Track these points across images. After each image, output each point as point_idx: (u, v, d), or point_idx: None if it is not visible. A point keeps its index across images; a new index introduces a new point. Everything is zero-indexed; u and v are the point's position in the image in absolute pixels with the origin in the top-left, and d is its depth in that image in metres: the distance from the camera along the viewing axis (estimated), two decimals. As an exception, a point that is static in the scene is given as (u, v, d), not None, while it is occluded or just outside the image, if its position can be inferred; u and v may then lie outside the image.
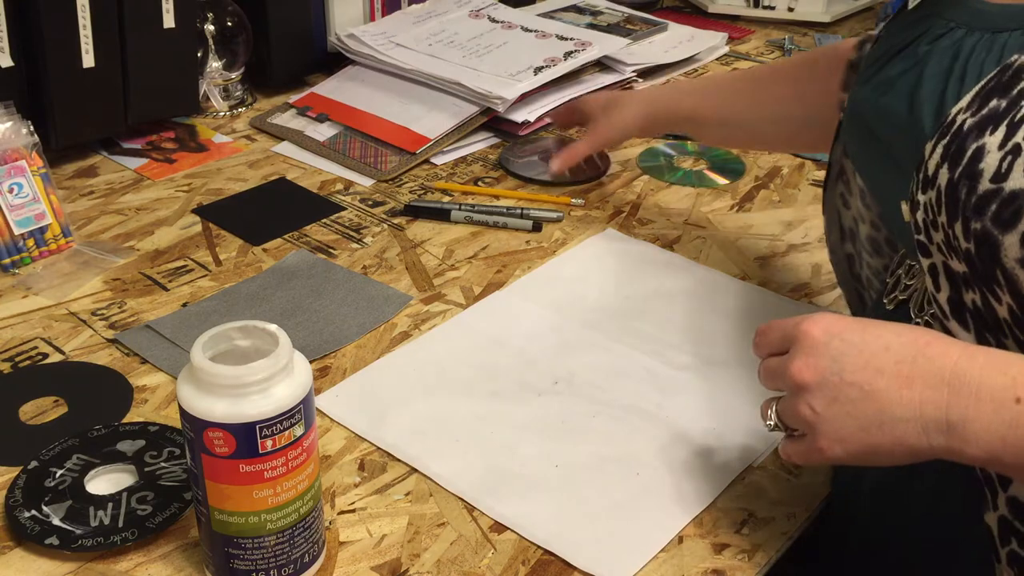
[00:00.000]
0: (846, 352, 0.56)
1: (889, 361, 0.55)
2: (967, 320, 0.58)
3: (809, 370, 0.57)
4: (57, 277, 0.94)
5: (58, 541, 0.65)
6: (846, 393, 0.56)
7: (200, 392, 0.56)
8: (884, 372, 0.55)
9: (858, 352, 0.56)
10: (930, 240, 0.59)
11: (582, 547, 0.66)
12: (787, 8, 1.66)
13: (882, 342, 0.56)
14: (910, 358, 0.55)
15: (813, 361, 0.57)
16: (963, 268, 0.57)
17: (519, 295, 0.93)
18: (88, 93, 1.11)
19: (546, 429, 0.76)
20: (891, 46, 0.69)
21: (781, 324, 0.61)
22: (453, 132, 1.20)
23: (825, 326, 0.58)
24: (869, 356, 0.56)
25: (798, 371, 0.58)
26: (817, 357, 0.57)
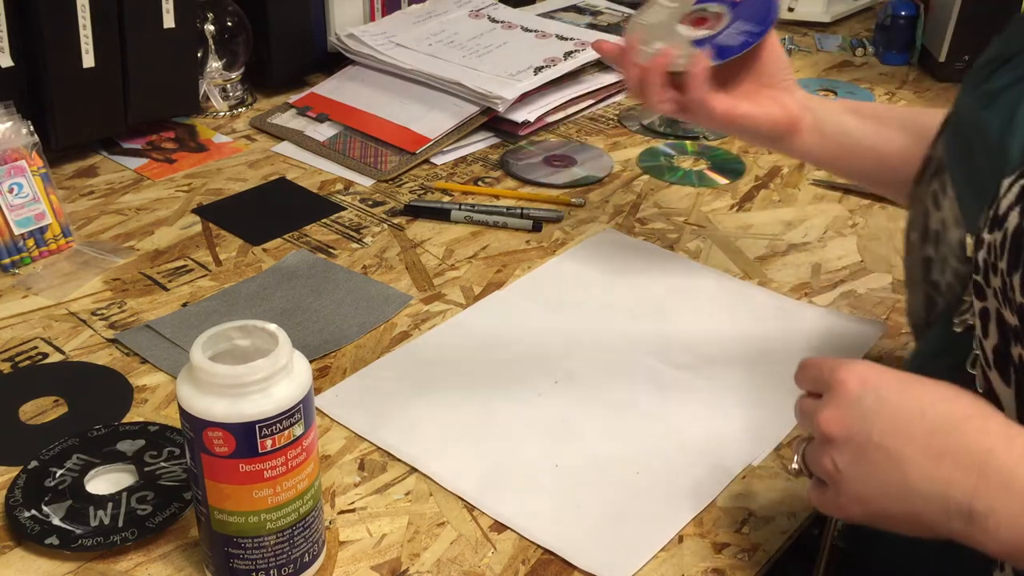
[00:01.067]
0: (879, 411, 0.53)
1: (922, 430, 0.52)
2: (1010, 374, 0.54)
3: (837, 423, 0.54)
4: (57, 277, 0.94)
5: (58, 541, 0.65)
6: (872, 455, 0.53)
7: (200, 392, 0.56)
8: (915, 441, 0.52)
9: (891, 413, 0.53)
10: (987, 283, 0.55)
11: (582, 547, 0.66)
12: (787, 8, 1.66)
13: (919, 406, 0.52)
14: (945, 430, 0.51)
15: (842, 414, 0.54)
16: (1015, 321, 0.53)
17: (519, 295, 0.93)
18: (88, 93, 1.11)
19: (546, 429, 0.76)
20: (1003, 51, 0.63)
21: (819, 364, 0.58)
22: (453, 132, 1.20)
23: (862, 377, 0.54)
24: (902, 420, 0.52)
25: (826, 422, 0.55)
26: (847, 411, 0.54)
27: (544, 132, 1.25)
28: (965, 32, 1.38)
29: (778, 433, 0.76)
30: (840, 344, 0.87)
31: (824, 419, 0.55)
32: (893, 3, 1.49)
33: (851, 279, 0.96)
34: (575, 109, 1.30)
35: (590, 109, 1.32)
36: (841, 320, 0.90)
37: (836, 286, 0.95)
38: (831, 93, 1.39)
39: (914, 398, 0.53)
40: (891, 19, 1.49)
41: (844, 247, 1.01)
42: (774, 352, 0.86)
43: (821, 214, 1.08)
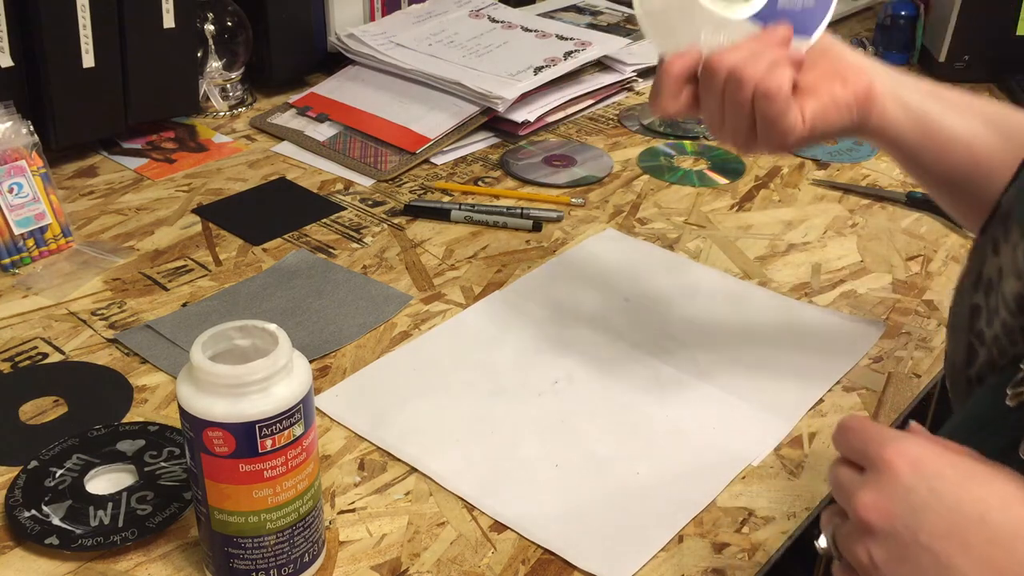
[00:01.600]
0: (932, 507, 0.45)
1: (981, 539, 0.44)
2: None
3: (879, 512, 0.46)
4: (57, 277, 0.94)
5: (58, 541, 0.65)
6: (917, 557, 0.45)
7: (200, 392, 0.56)
8: (970, 550, 0.44)
9: (946, 513, 0.45)
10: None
11: (582, 547, 0.66)
12: (787, 8, 1.66)
13: (980, 509, 0.45)
14: (1007, 543, 0.44)
15: (888, 503, 0.46)
16: None
17: (519, 295, 0.93)
18: (88, 93, 1.11)
19: (546, 429, 0.76)
20: None
21: (865, 433, 0.49)
22: (453, 132, 1.20)
23: (915, 461, 0.46)
24: (958, 523, 0.45)
25: (866, 509, 0.47)
26: (894, 501, 0.46)
27: (544, 132, 1.25)
28: (965, 32, 1.38)
29: (778, 433, 0.76)
30: (840, 344, 0.87)
31: (864, 505, 0.47)
32: (893, 3, 1.49)
33: (851, 279, 0.96)
34: (575, 109, 1.30)
35: (590, 109, 1.32)
36: (841, 320, 0.90)
37: (836, 286, 0.95)
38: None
39: (976, 499, 0.45)
40: (891, 19, 1.49)
41: (844, 247, 1.01)
42: (774, 352, 0.86)
43: (821, 214, 1.08)
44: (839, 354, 0.85)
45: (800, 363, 0.84)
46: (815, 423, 0.78)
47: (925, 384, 0.83)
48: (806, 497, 0.71)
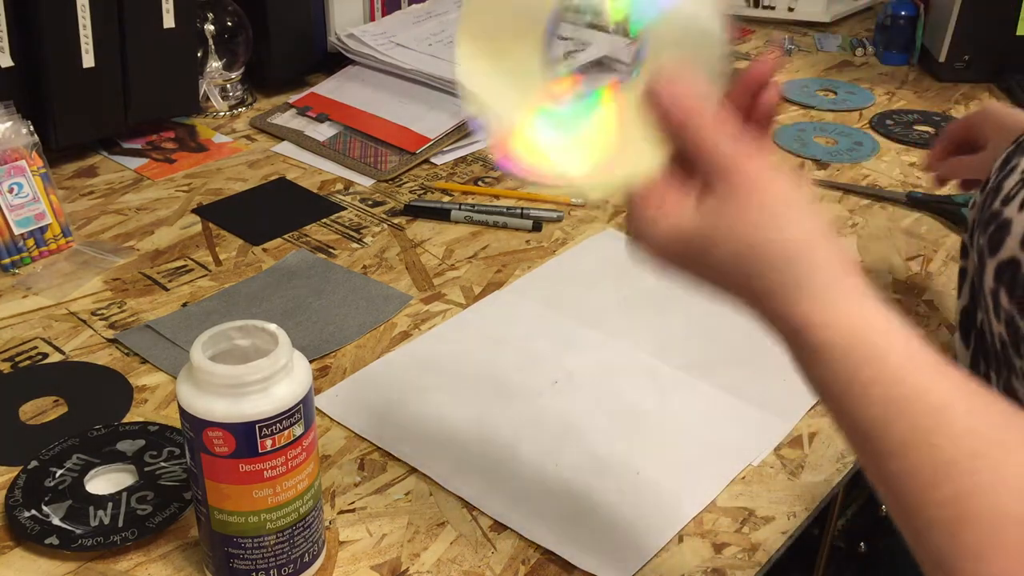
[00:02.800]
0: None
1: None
2: (970, 337, 0.55)
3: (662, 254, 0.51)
4: (57, 277, 0.94)
5: (58, 541, 0.65)
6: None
7: (200, 392, 0.56)
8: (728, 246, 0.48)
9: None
10: (971, 243, 0.57)
11: (582, 547, 0.66)
12: (787, 8, 1.66)
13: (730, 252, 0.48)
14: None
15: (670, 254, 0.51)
16: (979, 283, 0.55)
17: (519, 295, 0.93)
18: (88, 93, 1.11)
19: (546, 429, 0.76)
20: None
21: (633, 201, 0.51)
22: (453, 132, 1.20)
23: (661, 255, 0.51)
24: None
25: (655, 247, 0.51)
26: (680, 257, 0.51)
27: (544, 132, 1.25)
28: (965, 32, 1.38)
29: (778, 433, 0.76)
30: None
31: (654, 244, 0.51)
32: (893, 3, 1.49)
33: (851, 279, 0.96)
34: (575, 109, 1.29)
35: (590, 109, 1.32)
36: (841, 320, 0.90)
37: (836, 286, 0.95)
38: (831, 93, 1.39)
39: (710, 272, 0.50)
40: (891, 19, 1.49)
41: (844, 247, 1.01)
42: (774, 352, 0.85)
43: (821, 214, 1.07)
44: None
45: (800, 363, 0.84)
46: (815, 423, 0.78)
47: (925, 384, 0.83)
48: (806, 497, 0.71)
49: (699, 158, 0.48)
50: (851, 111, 1.34)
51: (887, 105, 1.36)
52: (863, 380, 0.45)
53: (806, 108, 1.34)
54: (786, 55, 1.54)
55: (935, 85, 1.43)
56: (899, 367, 0.46)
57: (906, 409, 0.44)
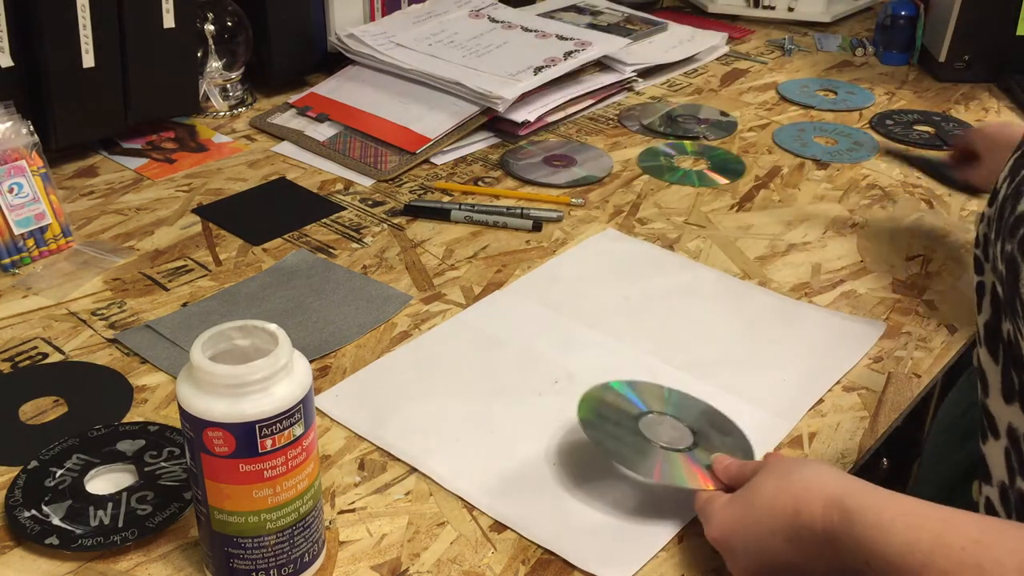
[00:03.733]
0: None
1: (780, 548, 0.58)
2: (999, 350, 0.56)
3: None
4: (57, 277, 0.94)
5: (58, 541, 0.65)
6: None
7: (200, 392, 0.56)
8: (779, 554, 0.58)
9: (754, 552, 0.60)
10: (986, 257, 0.57)
11: (582, 547, 0.66)
12: (787, 8, 1.66)
13: (766, 530, 0.58)
14: (792, 530, 0.57)
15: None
16: (1000, 291, 0.55)
17: (519, 295, 0.93)
18: (88, 93, 1.11)
19: (546, 429, 0.76)
20: None
21: (699, 504, 0.65)
22: (453, 132, 1.20)
23: (719, 527, 0.62)
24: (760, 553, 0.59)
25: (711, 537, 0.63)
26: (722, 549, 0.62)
27: (544, 132, 1.25)
28: (965, 32, 1.38)
29: (778, 433, 0.76)
30: (840, 344, 0.87)
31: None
32: (893, 3, 1.49)
33: (851, 279, 0.96)
34: (575, 109, 1.30)
35: (590, 109, 1.32)
36: (841, 320, 0.90)
37: (836, 286, 0.95)
38: (831, 93, 1.39)
39: (759, 524, 0.59)
40: (891, 19, 1.49)
41: (844, 247, 1.01)
42: (774, 352, 0.86)
43: (821, 214, 1.08)
44: (839, 354, 0.85)
45: (800, 363, 0.84)
46: (815, 423, 0.78)
47: (925, 384, 0.83)
48: (806, 497, 0.71)
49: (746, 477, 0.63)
50: (851, 111, 1.34)
51: (887, 105, 1.36)
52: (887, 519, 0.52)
53: (806, 108, 1.35)
54: (786, 55, 1.54)
55: (935, 85, 1.43)
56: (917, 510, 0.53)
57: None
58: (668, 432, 0.71)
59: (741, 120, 1.30)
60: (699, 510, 0.64)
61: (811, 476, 0.57)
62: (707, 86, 1.42)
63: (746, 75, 1.46)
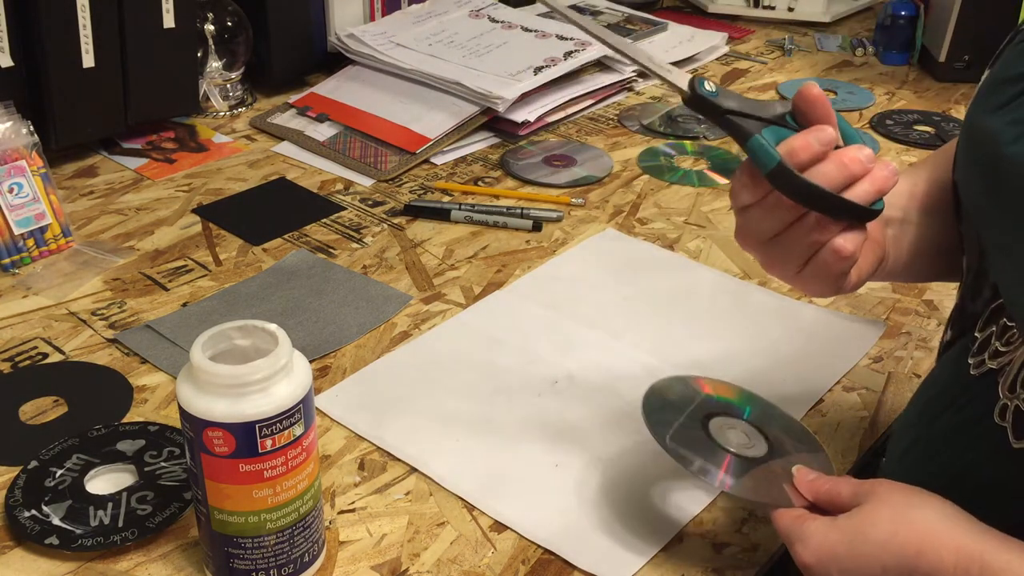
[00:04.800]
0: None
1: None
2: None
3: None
4: (57, 277, 0.94)
5: (58, 541, 0.65)
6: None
7: (200, 391, 0.56)
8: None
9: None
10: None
11: (582, 547, 0.66)
12: (787, 8, 1.66)
13: (878, 565, 0.54)
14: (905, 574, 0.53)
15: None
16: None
17: (519, 295, 0.93)
18: (88, 93, 1.11)
19: (546, 429, 0.76)
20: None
21: (787, 521, 0.59)
22: (453, 132, 1.20)
23: (816, 553, 0.56)
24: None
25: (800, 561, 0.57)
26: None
27: (544, 132, 1.25)
28: (965, 32, 1.38)
29: (778, 433, 0.76)
30: (840, 344, 0.87)
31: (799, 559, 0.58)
32: (893, 3, 1.49)
33: (851, 279, 0.96)
34: (575, 109, 1.30)
35: (590, 109, 1.32)
36: (841, 320, 0.90)
37: (836, 286, 0.95)
38: (831, 93, 1.39)
39: (870, 558, 0.54)
40: (891, 19, 1.49)
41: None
42: (774, 352, 0.86)
43: (821, 214, 1.07)
44: (839, 354, 0.85)
45: (800, 363, 0.84)
46: (815, 423, 0.78)
47: (925, 384, 0.83)
48: (806, 497, 0.71)
49: (840, 501, 0.58)
50: (851, 111, 1.34)
51: (887, 105, 1.36)
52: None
53: (806, 108, 1.34)
54: (786, 55, 1.54)
55: (935, 85, 1.43)
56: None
57: None
58: (739, 437, 0.65)
59: (741, 120, 1.30)
60: (786, 528, 0.58)
61: (936, 519, 0.53)
62: (707, 86, 1.42)
63: (746, 75, 1.46)
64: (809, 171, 0.58)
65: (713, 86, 0.60)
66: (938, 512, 0.53)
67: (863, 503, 0.56)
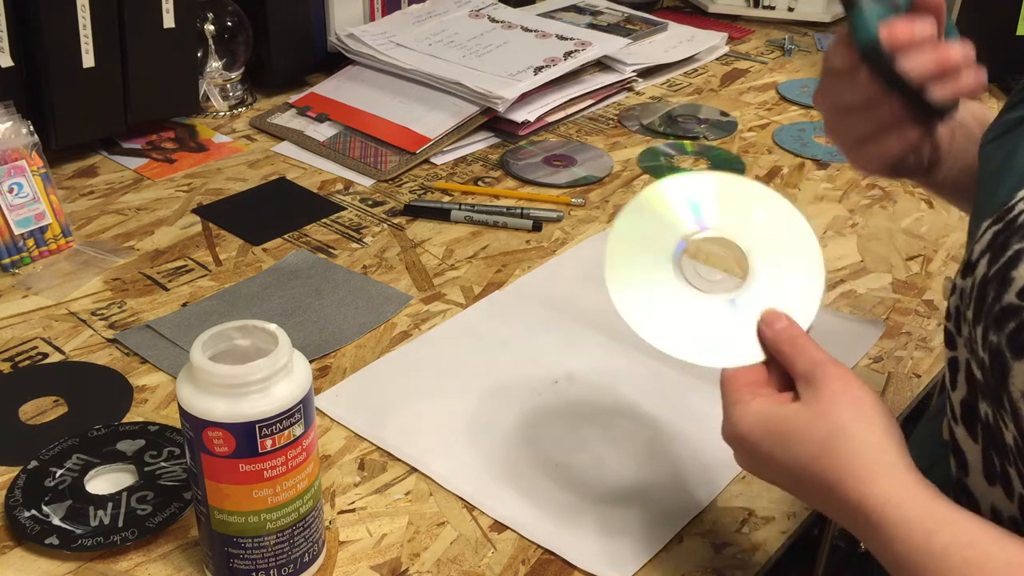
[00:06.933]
0: (762, 463, 0.57)
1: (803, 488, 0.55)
2: (977, 431, 0.52)
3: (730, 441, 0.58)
4: (57, 277, 0.94)
5: (58, 541, 0.65)
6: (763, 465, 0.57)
7: (200, 391, 0.56)
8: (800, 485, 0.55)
9: (773, 467, 0.56)
10: (958, 332, 0.52)
11: (582, 547, 0.66)
12: (787, 8, 1.66)
13: (790, 478, 0.55)
14: (822, 496, 0.54)
15: (734, 447, 0.58)
16: (980, 376, 0.50)
17: (519, 295, 0.93)
18: (88, 93, 1.11)
19: (546, 429, 0.76)
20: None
21: (731, 388, 0.59)
22: (453, 132, 1.20)
23: (738, 439, 0.57)
24: (785, 473, 0.56)
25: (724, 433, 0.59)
26: (738, 453, 0.58)
27: (544, 132, 1.25)
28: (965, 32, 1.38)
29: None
30: (840, 344, 0.86)
31: (723, 431, 0.59)
32: (893, 3, 1.49)
33: (851, 279, 0.96)
34: (575, 109, 1.30)
35: (590, 109, 1.32)
36: (841, 320, 0.90)
37: (836, 286, 0.95)
38: (831, 93, 1.39)
39: (787, 470, 0.55)
40: (891, 19, 1.48)
41: (844, 247, 1.01)
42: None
43: (821, 214, 1.08)
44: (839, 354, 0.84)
45: (800, 363, 0.84)
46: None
47: (925, 384, 0.83)
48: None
49: (793, 373, 0.57)
50: (851, 111, 1.34)
51: (887, 105, 1.36)
52: (940, 547, 0.48)
53: (806, 108, 1.34)
54: (786, 55, 1.54)
55: (935, 85, 1.43)
56: (970, 531, 0.48)
57: (985, 566, 0.47)
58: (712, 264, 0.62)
59: (741, 120, 1.30)
60: (727, 394, 0.59)
61: (860, 454, 0.52)
62: (707, 86, 1.42)
63: (746, 75, 1.46)
64: (906, 54, 0.59)
65: None
66: (867, 446, 0.52)
67: (807, 397, 0.55)
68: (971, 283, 0.50)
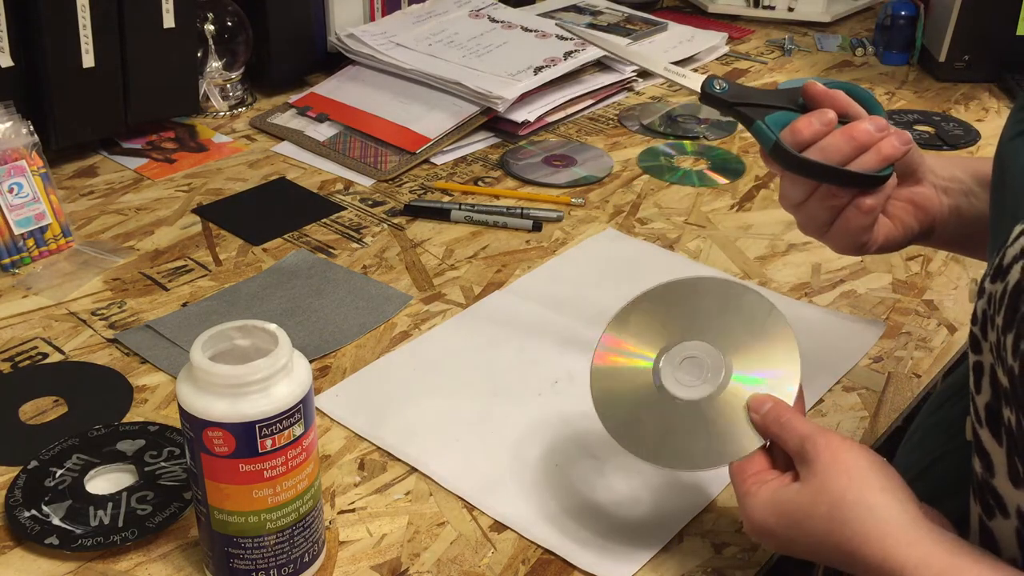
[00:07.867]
0: (785, 546, 0.58)
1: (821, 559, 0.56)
2: (1001, 434, 0.52)
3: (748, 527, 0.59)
4: (57, 277, 0.94)
5: (58, 541, 0.65)
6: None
7: (200, 391, 0.56)
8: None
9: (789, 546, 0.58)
10: (984, 336, 0.52)
11: (582, 547, 0.66)
12: (787, 8, 1.66)
13: (811, 553, 0.56)
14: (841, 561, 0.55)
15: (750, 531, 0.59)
16: (1006, 382, 0.50)
17: (519, 295, 0.93)
18: (88, 93, 1.11)
19: (546, 429, 0.76)
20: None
21: (737, 481, 0.60)
22: (453, 132, 1.20)
23: (756, 528, 0.58)
24: (801, 550, 0.57)
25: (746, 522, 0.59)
26: (762, 541, 0.59)
27: (544, 132, 1.25)
28: (965, 32, 1.38)
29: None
30: (840, 344, 0.87)
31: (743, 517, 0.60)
32: (893, 3, 1.49)
33: (851, 279, 0.96)
34: (575, 109, 1.30)
35: (590, 109, 1.32)
36: (841, 320, 0.90)
37: (836, 286, 0.95)
38: (831, 93, 1.39)
39: (806, 546, 0.56)
40: (891, 19, 1.49)
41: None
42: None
43: (821, 214, 1.07)
44: (839, 354, 0.85)
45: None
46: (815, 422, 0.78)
47: (925, 384, 0.83)
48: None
49: (788, 452, 0.59)
50: (851, 111, 1.34)
51: (887, 105, 1.36)
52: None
53: (806, 108, 1.34)
54: (786, 55, 1.54)
55: (935, 85, 1.43)
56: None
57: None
58: (689, 370, 0.63)
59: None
60: (736, 488, 0.60)
61: (870, 518, 0.53)
62: (707, 86, 1.42)
63: (746, 75, 1.46)
64: (816, 146, 0.65)
65: (723, 84, 0.69)
66: (871, 508, 0.54)
67: (804, 475, 0.57)
68: (1002, 288, 0.49)
